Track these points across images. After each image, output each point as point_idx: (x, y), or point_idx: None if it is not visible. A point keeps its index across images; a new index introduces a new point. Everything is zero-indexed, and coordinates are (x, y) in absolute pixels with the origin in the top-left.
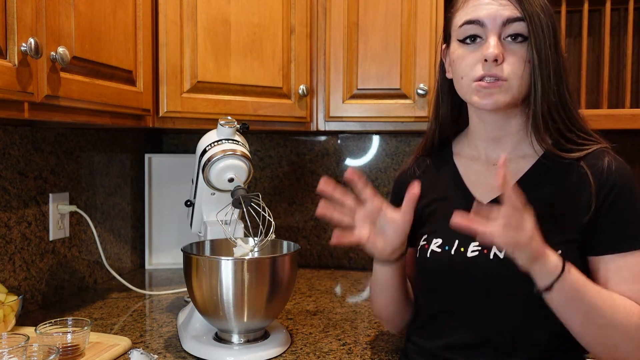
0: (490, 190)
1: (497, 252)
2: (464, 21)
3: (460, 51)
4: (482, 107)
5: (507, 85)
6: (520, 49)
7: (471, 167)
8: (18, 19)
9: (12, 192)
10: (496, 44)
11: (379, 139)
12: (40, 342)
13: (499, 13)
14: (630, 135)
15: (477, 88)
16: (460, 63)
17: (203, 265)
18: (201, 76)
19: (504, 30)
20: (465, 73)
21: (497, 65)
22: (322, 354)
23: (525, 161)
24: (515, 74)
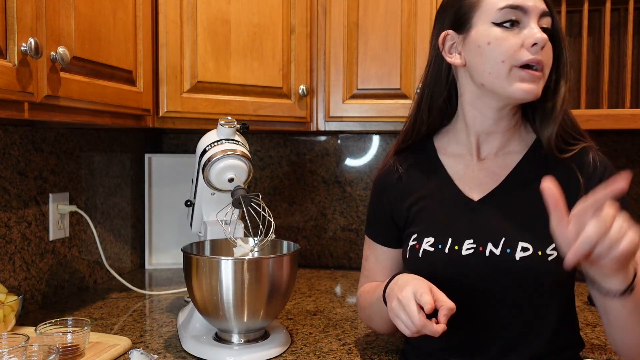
0: (479, 186)
1: (493, 248)
2: (506, 4)
3: (497, 33)
4: (525, 97)
5: (543, 75)
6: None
7: (458, 163)
8: (18, 19)
9: (12, 192)
10: (540, 30)
11: (379, 139)
12: (40, 342)
13: (537, 3)
14: (630, 135)
15: (521, 76)
16: (499, 45)
17: (203, 265)
18: (201, 76)
19: (539, 21)
20: (507, 55)
21: (542, 50)
22: (322, 354)
23: (513, 157)
24: (547, 64)
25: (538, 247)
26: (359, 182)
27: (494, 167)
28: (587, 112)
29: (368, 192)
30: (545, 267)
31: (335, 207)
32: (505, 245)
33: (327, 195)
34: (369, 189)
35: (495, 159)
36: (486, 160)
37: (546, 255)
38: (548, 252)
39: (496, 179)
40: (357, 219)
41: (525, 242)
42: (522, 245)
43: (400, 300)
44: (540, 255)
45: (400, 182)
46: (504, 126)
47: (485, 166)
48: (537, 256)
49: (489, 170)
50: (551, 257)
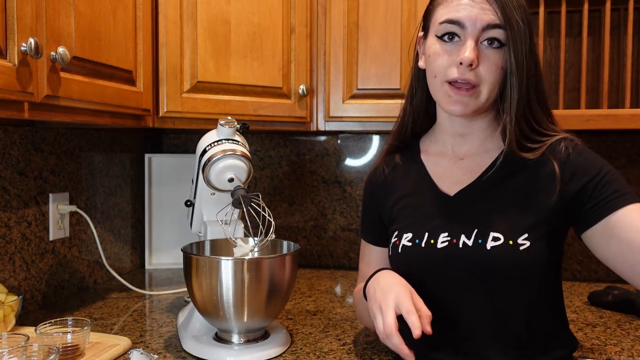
0: (456, 183)
1: (465, 240)
2: (444, 19)
3: (436, 47)
4: (451, 113)
5: (477, 92)
6: (495, 55)
7: (438, 162)
8: (18, 19)
9: (12, 192)
10: (473, 48)
11: (379, 139)
12: (40, 342)
13: (479, 17)
14: (630, 135)
15: (448, 92)
16: (435, 60)
17: (203, 265)
18: (201, 76)
19: (482, 34)
20: (438, 71)
21: (472, 69)
22: (322, 354)
23: (489, 155)
24: (487, 80)
25: (509, 237)
26: (359, 182)
27: (472, 165)
28: (587, 112)
29: None
30: (517, 256)
31: (335, 207)
32: (478, 236)
33: (327, 195)
34: None
35: (474, 158)
36: (465, 159)
37: (517, 245)
38: (519, 242)
39: (473, 176)
40: (357, 219)
41: (496, 232)
42: (493, 235)
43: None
44: (511, 244)
45: (386, 182)
46: (478, 127)
47: (463, 164)
48: (508, 245)
49: (467, 168)
50: (523, 247)
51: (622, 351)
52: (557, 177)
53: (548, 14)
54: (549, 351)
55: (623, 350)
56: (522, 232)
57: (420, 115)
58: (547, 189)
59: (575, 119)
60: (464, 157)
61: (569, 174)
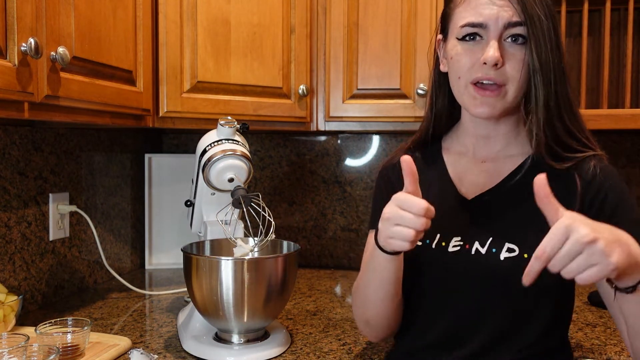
0: (475, 186)
1: (479, 247)
2: (465, 23)
3: (458, 49)
4: (477, 116)
5: (504, 91)
6: (520, 51)
7: (459, 162)
8: (18, 18)
9: (12, 192)
10: (497, 47)
11: (379, 139)
12: (40, 342)
13: (500, 15)
14: (630, 135)
15: (473, 94)
16: (458, 61)
17: (203, 265)
18: (201, 76)
19: (504, 32)
20: (462, 73)
21: (496, 69)
22: (322, 354)
23: (512, 161)
24: (514, 78)
25: (525, 250)
26: (359, 182)
27: (493, 169)
28: (587, 112)
29: (368, 192)
30: None
31: (335, 207)
32: (492, 245)
33: (327, 195)
34: (369, 189)
35: (495, 162)
36: (486, 162)
37: None
38: None
39: (493, 181)
40: (357, 219)
41: (512, 243)
42: (508, 246)
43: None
44: (526, 258)
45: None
46: (502, 130)
47: (485, 168)
48: (522, 259)
49: (488, 172)
50: None
51: (622, 351)
52: (578, 198)
53: None
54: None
55: (623, 350)
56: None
57: (443, 120)
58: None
59: None
60: (485, 159)
61: (589, 197)
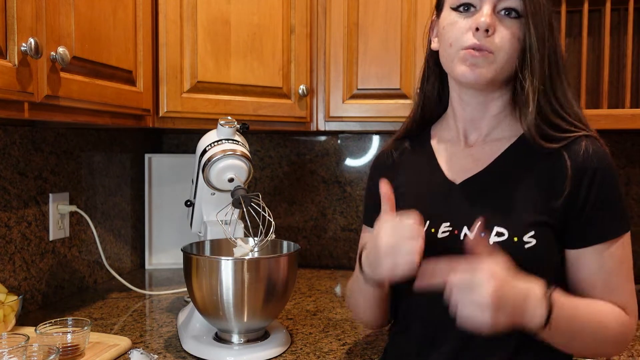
0: (463, 171)
1: (467, 232)
2: None
3: (451, 17)
4: (465, 80)
5: (493, 58)
6: (513, 25)
7: (447, 149)
8: (18, 18)
9: (12, 192)
10: (489, 13)
11: (379, 139)
12: (40, 342)
13: None
14: (630, 135)
15: (464, 56)
16: (451, 29)
17: (203, 265)
18: (201, 76)
19: (499, 3)
20: (454, 39)
21: (488, 36)
22: (322, 354)
23: (501, 143)
24: (504, 48)
25: (514, 233)
26: (359, 182)
27: (480, 153)
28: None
29: None
30: (520, 254)
31: (335, 207)
32: (480, 229)
33: (327, 195)
34: None
35: (483, 145)
36: (474, 146)
37: (522, 242)
38: (525, 240)
39: (481, 165)
40: (357, 219)
41: (501, 227)
42: (497, 230)
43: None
44: (515, 241)
45: (393, 166)
46: (490, 112)
47: (472, 152)
48: (512, 242)
49: (475, 157)
50: (528, 245)
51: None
52: (568, 180)
53: None
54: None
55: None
56: (529, 229)
57: (432, 101)
58: (557, 188)
59: None
60: (474, 144)
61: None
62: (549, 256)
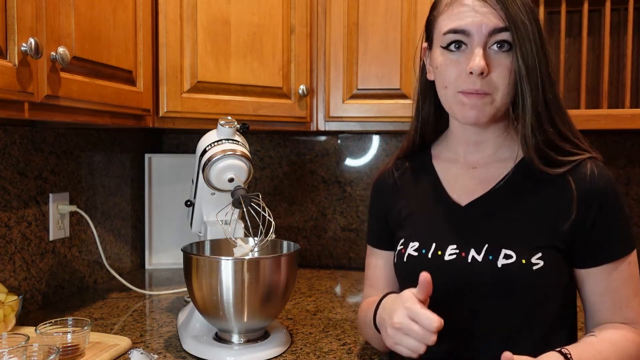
0: (468, 193)
1: (475, 255)
2: (448, 29)
3: (443, 59)
4: (466, 122)
5: (491, 99)
6: (506, 58)
7: (450, 169)
8: (18, 19)
9: (12, 192)
10: (482, 55)
11: (379, 139)
12: (41, 342)
13: (484, 22)
14: (630, 135)
15: (461, 100)
16: (445, 70)
17: (203, 265)
18: (201, 76)
19: (489, 39)
20: (449, 82)
21: (483, 78)
22: (322, 353)
23: (505, 164)
24: (501, 86)
25: (522, 256)
26: (359, 182)
27: (485, 174)
28: (586, 112)
29: (368, 192)
30: (529, 277)
31: (335, 207)
32: (488, 252)
33: (327, 195)
34: (369, 189)
35: (486, 167)
36: (477, 168)
37: (530, 264)
38: (533, 261)
39: (485, 187)
40: (357, 219)
41: (509, 249)
42: (505, 253)
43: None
44: (524, 263)
45: (395, 186)
46: (491, 135)
47: (476, 174)
48: (520, 264)
49: (480, 178)
50: (536, 267)
51: None
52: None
53: (548, 14)
54: None
55: None
56: (536, 252)
57: (429, 128)
58: (563, 211)
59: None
60: (476, 165)
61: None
62: (557, 278)
